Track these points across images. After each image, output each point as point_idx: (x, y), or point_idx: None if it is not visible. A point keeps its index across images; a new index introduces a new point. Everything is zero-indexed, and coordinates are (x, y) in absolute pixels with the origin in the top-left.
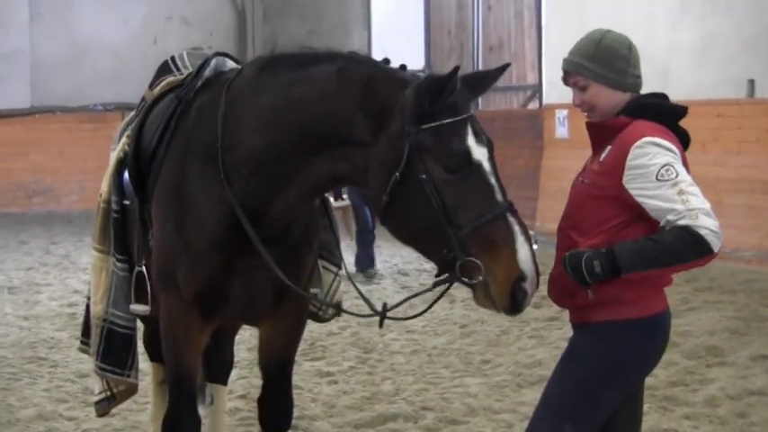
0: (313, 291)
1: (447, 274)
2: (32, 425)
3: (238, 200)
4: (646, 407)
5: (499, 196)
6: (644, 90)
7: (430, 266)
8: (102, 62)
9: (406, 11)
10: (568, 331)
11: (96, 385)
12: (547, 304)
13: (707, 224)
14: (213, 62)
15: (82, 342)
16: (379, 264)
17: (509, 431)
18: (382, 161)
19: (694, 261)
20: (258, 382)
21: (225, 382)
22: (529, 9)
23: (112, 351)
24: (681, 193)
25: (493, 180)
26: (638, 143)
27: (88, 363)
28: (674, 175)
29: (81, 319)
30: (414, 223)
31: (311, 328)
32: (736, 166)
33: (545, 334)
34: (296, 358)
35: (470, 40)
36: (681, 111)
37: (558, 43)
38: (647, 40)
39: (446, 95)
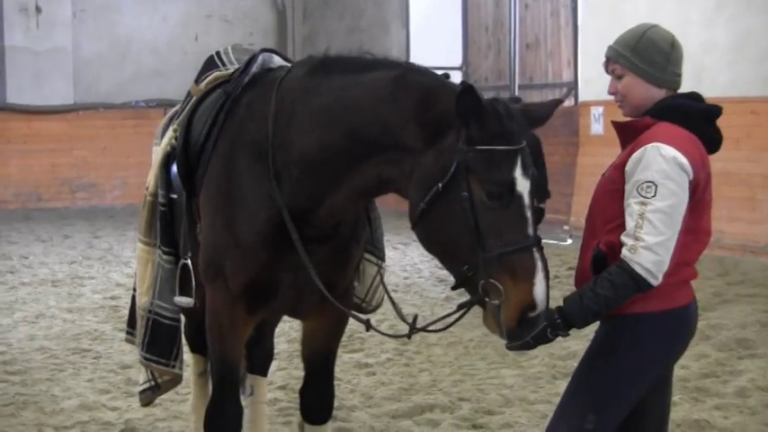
0: (354, 284)
1: (470, 297)
2: (76, 414)
3: (287, 199)
4: (677, 397)
5: (531, 230)
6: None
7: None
8: (144, 59)
9: (443, 8)
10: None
11: (141, 375)
12: None
13: (642, 260)
14: (260, 58)
15: (128, 332)
16: (417, 258)
17: (543, 422)
18: (429, 170)
19: (637, 294)
20: (298, 373)
21: (265, 374)
22: (565, 7)
23: (157, 342)
24: (641, 216)
25: (529, 214)
26: (646, 147)
27: (130, 354)
28: (650, 195)
29: (123, 312)
30: (443, 236)
31: (350, 321)
32: None
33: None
34: None
35: (507, 38)
36: (714, 112)
37: (594, 41)
38: (681, 39)
39: (503, 115)
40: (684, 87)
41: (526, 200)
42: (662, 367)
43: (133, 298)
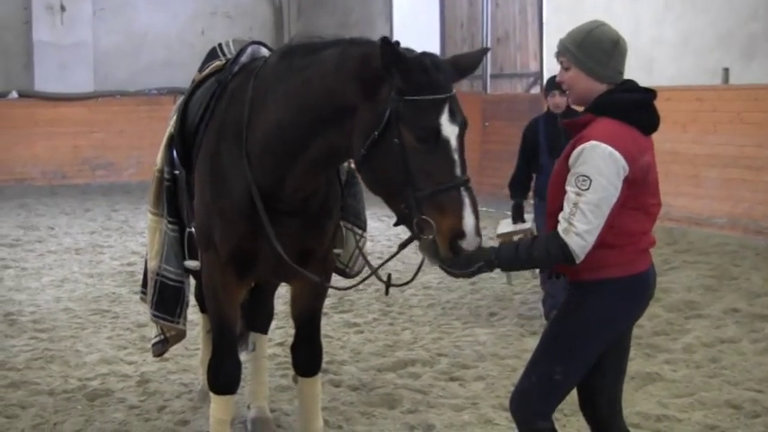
0: (336, 251)
1: (409, 236)
2: (97, 367)
3: (255, 176)
4: (632, 353)
5: (458, 171)
6: (625, 77)
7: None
8: (156, 52)
9: (423, 6)
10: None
11: (152, 331)
12: None
13: (572, 243)
14: (249, 49)
15: (141, 293)
16: (400, 229)
17: (513, 374)
18: (367, 121)
19: (560, 264)
20: (293, 331)
21: (265, 332)
22: (532, 6)
23: (164, 301)
24: (575, 206)
25: (456, 156)
26: (585, 144)
27: (144, 315)
28: (584, 188)
29: (138, 276)
30: (382, 178)
31: (340, 285)
32: (711, 143)
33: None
34: (327, 311)
35: (480, 33)
36: (647, 100)
37: (557, 36)
38: (634, 35)
39: (432, 70)
40: (637, 78)
41: (453, 144)
42: (622, 326)
43: (145, 262)
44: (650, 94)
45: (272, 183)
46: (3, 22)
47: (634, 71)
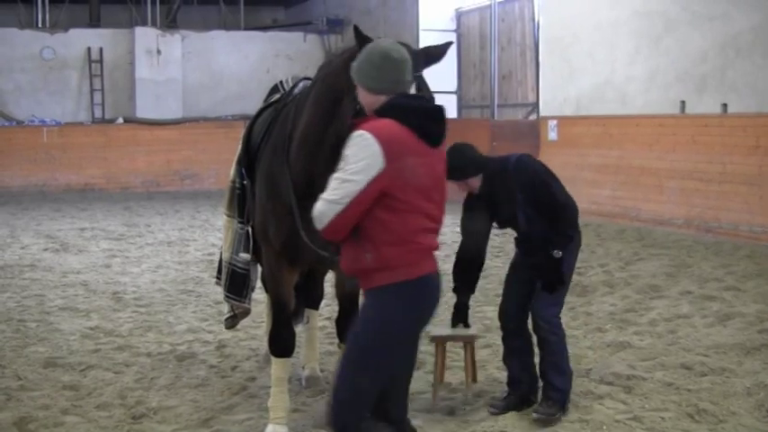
0: None
1: None
2: (185, 335)
3: (294, 177)
4: (608, 326)
5: None
6: (602, 106)
7: (458, 228)
8: (231, 86)
9: None
10: None
11: (225, 308)
12: None
13: (316, 206)
14: (301, 84)
15: (216, 278)
16: None
17: None
18: (354, 101)
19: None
20: (338, 308)
21: (317, 308)
22: (530, 49)
23: (233, 284)
24: (332, 180)
25: None
26: (354, 132)
27: (221, 294)
28: (342, 166)
29: (216, 263)
30: None
31: None
32: (671, 160)
33: None
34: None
35: (489, 71)
36: (431, 111)
37: (550, 74)
38: (611, 73)
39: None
40: (612, 108)
41: None
42: (408, 332)
43: (220, 254)
44: (436, 109)
45: (305, 180)
46: (113, 63)
47: (611, 102)
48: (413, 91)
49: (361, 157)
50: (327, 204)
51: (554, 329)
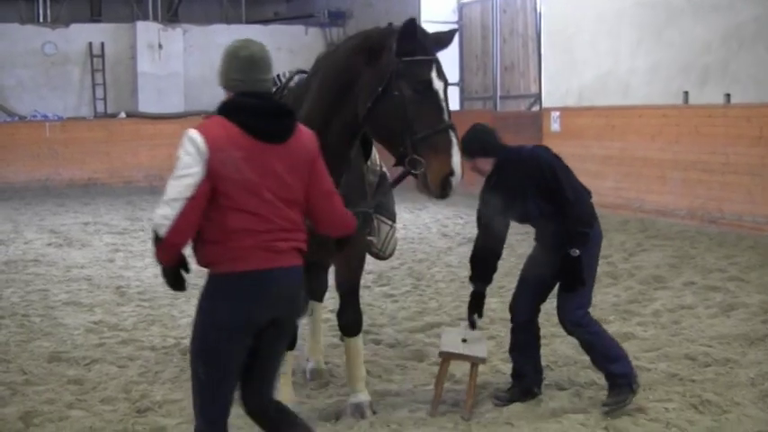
0: (369, 238)
1: (401, 167)
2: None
3: None
4: (611, 317)
5: (446, 117)
6: (605, 97)
7: (462, 220)
8: None
9: None
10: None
11: None
12: None
13: (157, 213)
14: (297, 77)
15: None
16: (427, 220)
17: None
18: (371, 82)
19: (160, 246)
20: None
21: (321, 301)
22: (532, 40)
23: None
24: (169, 180)
25: (444, 104)
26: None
27: None
28: (175, 167)
29: None
30: (384, 126)
31: (380, 264)
32: (674, 151)
33: None
34: (369, 285)
35: (491, 63)
36: (263, 107)
37: (553, 65)
38: (614, 65)
39: (419, 36)
40: (615, 100)
41: (441, 95)
42: (233, 321)
43: None
44: (268, 105)
45: None
46: (115, 57)
47: (614, 93)
48: (437, 79)
49: (189, 155)
50: (165, 205)
51: (586, 329)
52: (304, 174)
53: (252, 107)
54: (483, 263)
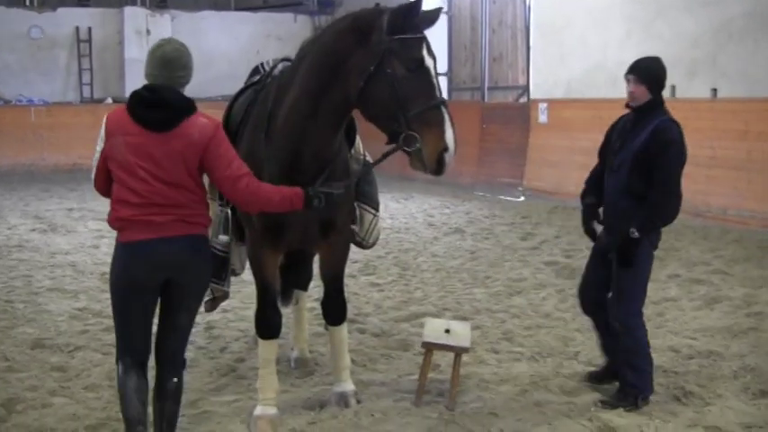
0: (352, 227)
1: (394, 144)
2: None
3: (278, 153)
4: None
5: (438, 93)
6: (593, 89)
7: (449, 210)
8: (221, 67)
9: (433, 32)
10: (546, 257)
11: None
12: (530, 237)
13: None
14: (281, 65)
15: None
16: (413, 210)
17: (502, 325)
18: (363, 61)
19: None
20: None
21: (305, 290)
22: (521, 32)
23: (213, 267)
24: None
25: (435, 81)
26: None
27: None
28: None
29: None
30: (377, 104)
31: (365, 253)
32: None
33: (529, 259)
34: (355, 274)
35: (480, 54)
36: (145, 97)
37: (541, 57)
38: (603, 57)
39: (413, 15)
40: (604, 93)
41: (432, 72)
42: (123, 284)
43: None
44: (153, 95)
45: (290, 156)
46: (102, 43)
47: (602, 86)
48: (428, 56)
49: (100, 136)
50: (93, 167)
51: (630, 331)
52: (188, 161)
53: (139, 99)
54: (592, 180)
